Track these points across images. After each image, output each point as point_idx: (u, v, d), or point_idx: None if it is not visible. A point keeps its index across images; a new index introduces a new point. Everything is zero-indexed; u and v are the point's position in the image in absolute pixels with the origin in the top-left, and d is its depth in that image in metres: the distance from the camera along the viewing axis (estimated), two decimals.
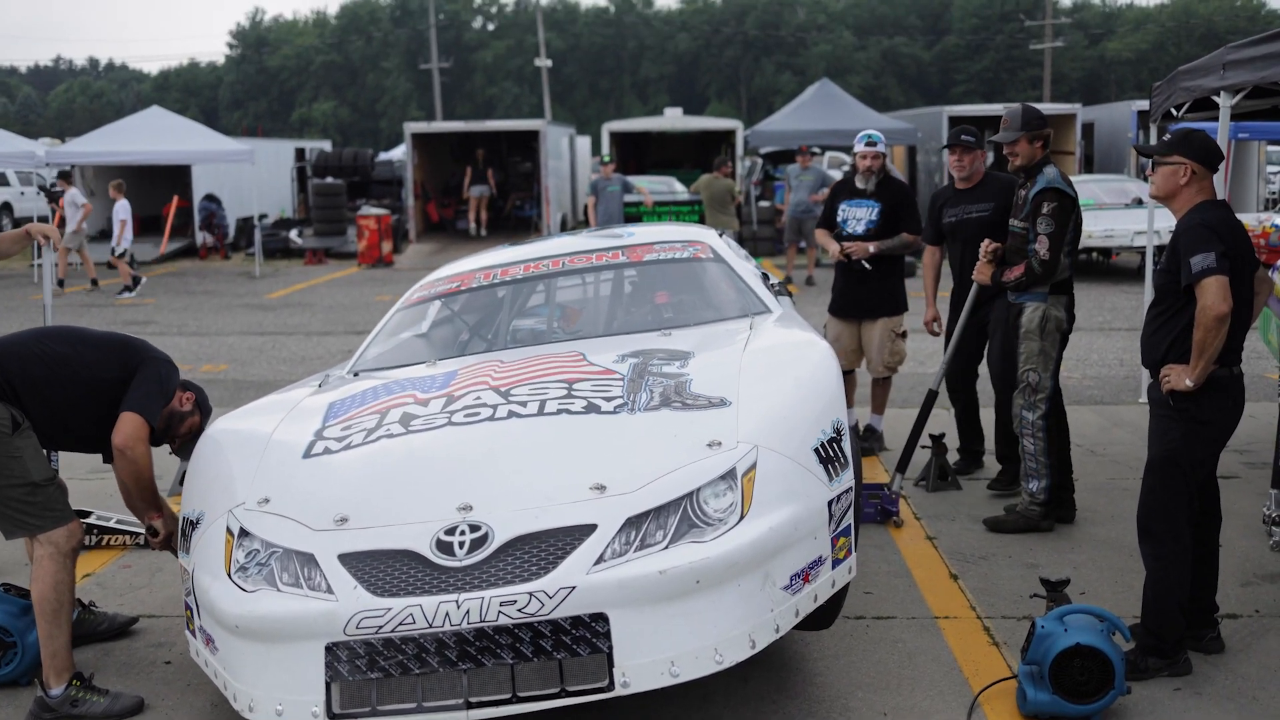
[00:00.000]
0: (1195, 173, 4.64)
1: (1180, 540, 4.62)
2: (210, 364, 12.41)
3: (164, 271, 22.38)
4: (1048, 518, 6.37)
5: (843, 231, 7.90)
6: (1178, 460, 4.60)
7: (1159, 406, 4.69)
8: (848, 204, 7.92)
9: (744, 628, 3.80)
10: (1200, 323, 4.43)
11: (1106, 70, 77.49)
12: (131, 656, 5.07)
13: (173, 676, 4.84)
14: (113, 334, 5.09)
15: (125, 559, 6.27)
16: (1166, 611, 4.61)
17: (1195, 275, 4.44)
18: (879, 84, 79.88)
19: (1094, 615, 4.39)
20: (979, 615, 5.27)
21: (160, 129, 22.17)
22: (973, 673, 4.68)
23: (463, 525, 3.88)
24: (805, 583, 4.03)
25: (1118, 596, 5.43)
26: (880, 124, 23.35)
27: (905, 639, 5.02)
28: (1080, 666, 4.24)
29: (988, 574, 5.77)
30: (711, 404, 4.34)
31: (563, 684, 3.66)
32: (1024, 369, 6.30)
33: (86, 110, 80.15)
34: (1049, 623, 4.34)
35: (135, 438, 4.72)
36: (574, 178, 29.40)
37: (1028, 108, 6.39)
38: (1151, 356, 4.73)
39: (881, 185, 7.88)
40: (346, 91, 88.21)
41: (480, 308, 6.30)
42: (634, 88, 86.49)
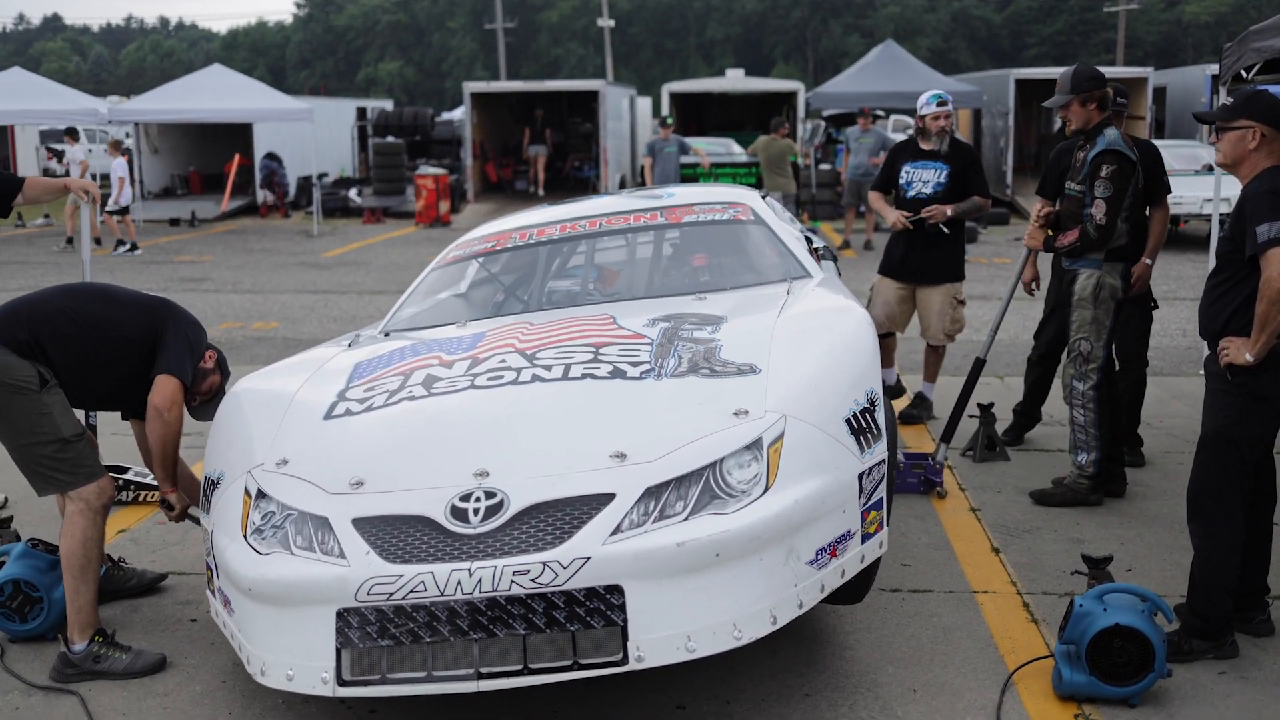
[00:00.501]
0: (1265, 135, 4.40)
1: (1232, 520, 4.43)
2: (261, 321, 12.45)
3: (224, 229, 22.54)
4: (1096, 491, 6.17)
5: (906, 194, 7.66)
6: (1233, 437, 4.40)
7: (1216, 380, 4.48)
8: (912, 165, 7.67)
9: (765, 603, 3.68)
10: (1264, 295, 4.21)
11: (1183, 34, 75.65)
12: (158, 614, 5.06)
13: (197, 635, 4.82)
14: (141, 293, 5.05)
15: (160, 515, 6.27)
16: (1213, 593, 4.43)
17: (1261, 245, 4.21)
18: (948, 46, 78.61)
19: (1135, 595, 4.22)
20: (1019, 591, 5.11)
21: (221, 87, 22.27)
22: (1009, 650, 4.54)
23: (478, 492, 3.79)
24: (832, 557, 3.89)
25: (1165, 575, 5.25)
26: (945, 86, 22.89)
27: (941, 613, 4.88)
28: (1119, 648, 4.08)
29: (1031, 548, 5.61)
30: (740, 371, 4.21)
31: (575, 656, 3.56)
32: (1076, 337, 6.10)
33: (157, 69, 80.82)
34: (1088, 601, 4.18)
35: (174, 400, 4.70)
36: (634, 139, 29.21)
37: (1080, 69, 6.13)
38: (1210, 327, 4.51)
39: (952, 146, 7.65)
40: (412, 51, 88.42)
41: (516, 268, 6.20)
42: (700, 49, 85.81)
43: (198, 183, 27.04)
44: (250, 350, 10.71)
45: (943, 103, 7.59)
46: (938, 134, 7.60)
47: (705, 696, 4.19)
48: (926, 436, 7.53)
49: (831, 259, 6.60)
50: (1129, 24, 59.75)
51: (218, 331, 11.83)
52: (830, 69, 68.14)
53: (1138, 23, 71.13)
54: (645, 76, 71.51)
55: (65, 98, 21.09)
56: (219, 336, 11.54)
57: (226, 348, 10.93)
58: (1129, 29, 60.28)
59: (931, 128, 7.61)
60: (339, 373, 4.83)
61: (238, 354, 10.55)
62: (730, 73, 31.42)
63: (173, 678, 4.46)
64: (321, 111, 26.24)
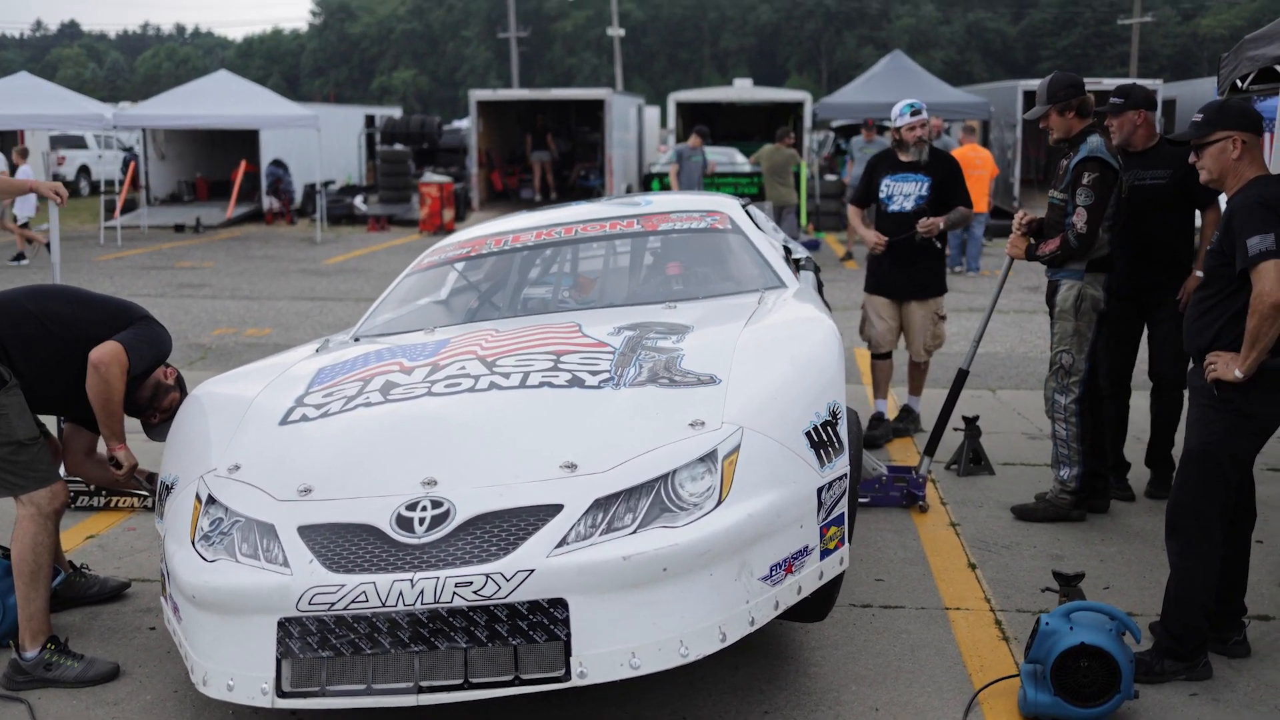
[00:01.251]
0: (1245, 143, 4.30)
1: (1210, 539, 4.32)
2: (255, 328, 12.41)
3: (228, 236, 22.54)
4: (1079, 507, 6.07)
5: (887, 208, 7.45)
6: (1216, 454, 4.29)
7: (1201, 395, 4.36)
8: (892, 179, 7.43)
9: (714, 619, 3.59)
10: (1256, 310, 4.08)
11: (1199, 47, 75.33)
12: (117, 621, 4.99)
13: (154, 643, 4.75)
14: (111, 297, 5.00)
15: (130, 521, 6.21)
16: (1188, 613, 4.32)
17: (1253, 258, 4.08)
18: (963, 59, 78.52)
19: (1104, 613, 4.12)
20: (992, 608, 5.01)
21: (227, 93, 22.29)
22: (977, 669, 4.44)
23: (425, 501, 3.72)
24: (788, 574, 3.80)
25: (1144, 592, 5.15)
26: (952, 97, 22.81)
27: (911, 630, 4.78)
28: (1085, 667, 3.99)
29: (1008, 564, 5.50)
30: (700, 381, 4.13)
31: (517, 671, 3.48)
32: (1057, 350, 6.00)
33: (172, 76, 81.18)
34: (1054, 619, 4.08)
35: (113, 359, 4.56)
36: (641, 148, 29.15)
37: (1055, 77, 6.04)
38: (1196, 342, 4.40)
39: (932, 157, 7.45)
40: (427, 60, 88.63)
41: (491, 274, 6.15)
42: (714, 59, 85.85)
43: (204, 189, 27.04)
44: (241, 356, 10.65)
45: (916, 111, 7.33)
46: (915, 145, 7.38)
47: (664, 713, 4.10)
48: (913, 448, 7.43)
49: (813, 269, 6.50)
50: (1144, 37, 59.57)
51: (211, 337, 11.80)
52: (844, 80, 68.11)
53: (1153, 36, 70.94)
54: (659, 86, 71.45)
55: (72, 103, 21.11)
56: (212, 343, 11.51)
57: (218, 354, 10.90)
58: (1144, 42, 60.08)
59: (908, 139, 7.36)
60: (300, 378, 4.78)
61: (228, 360, 10.49)
62: (738, 82, 31.37)
63: (124, 686, 4.39)
64: (329, 119, 26.24)
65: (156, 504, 4.48)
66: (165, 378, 4.95)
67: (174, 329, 11.99)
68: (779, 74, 79.76)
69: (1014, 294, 14.09)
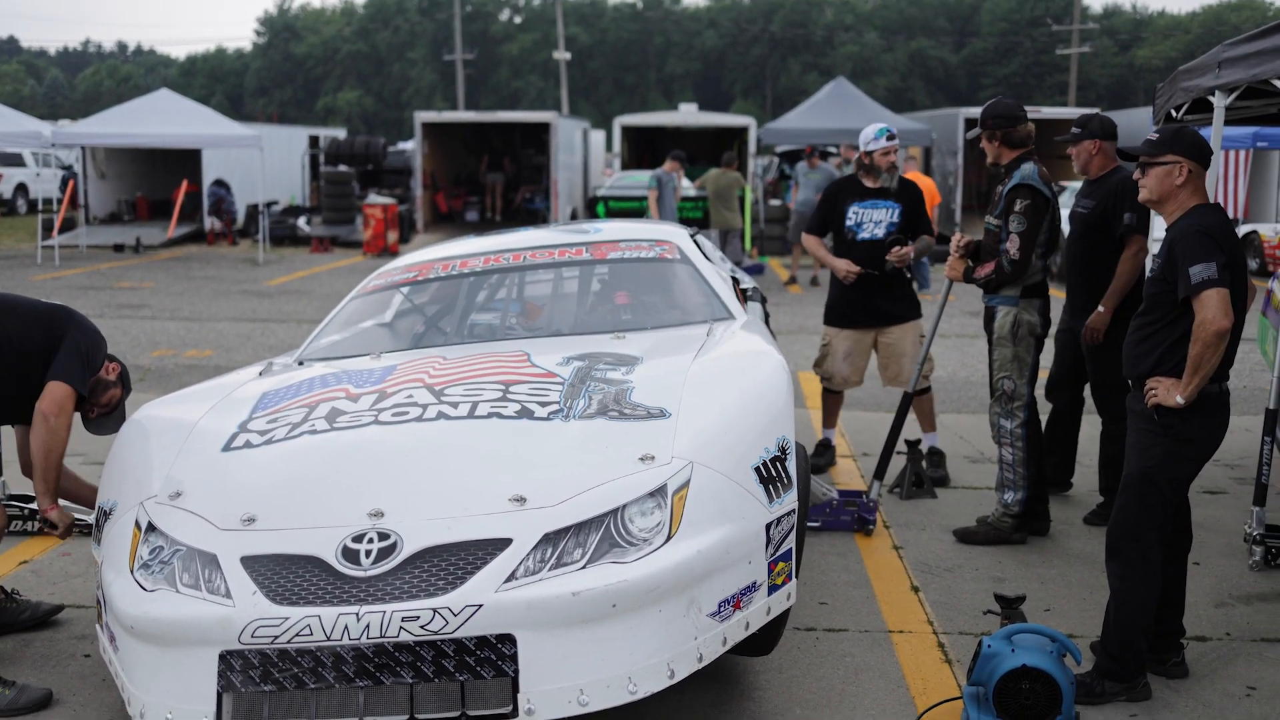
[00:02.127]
0: (1191, 172, 4.35)
1: (1149, 561, 4.38)
2: (195, 349, 12.26)
3: (169, 256, 22.28)
4: (1020, 530, 6.12)
5: (856, 236, 7.12)
6: (1155, 479, 4.34)
7: (1141, 420, 4.42)
8: (860, 205, 7.12)
9: (663, 656, 3.58)
10: (1199, 337, 4.15)
11: (1136, 78, 76.71)
12: (51, 648, 4.89)
13: (88, 671, 4.65)
14: (40, 302, 4.95)
15: (65, 546, 6.09)
16: (1128, 634, 4.36)
17: (1195, 286, 4.15)
18: (905, 86, 79.34)
19: (1045, 635, 4.17)
20: (935, 630, 5.04)
21: (169, 112, 22.04)
22: (920, 691, 4.45)
23: (371, 533, 3.68)
24: (736, 609, 3.80)
25: (1085, 614, 5.19)
26: (895, 124, 23.00)
27: (855, 653, 4.80)
28: (1027, 689, 4.02)
29: (951, 587, 5.54)
30: (650, 415, 4.12)
31: (464, 707, 3.45)
32: (998, 376, 6.07)
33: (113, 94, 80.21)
34: (996, 642, 4.12)
35: (62, 407, 4.62)
36: (586, 171, 29.18)
37: (992, 104, 6.13)
38: (1136, 369, 4.45)
39: (900, 184, 7.21)
40: (372, 81, 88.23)
41: (438, 299, 6.11)
42: (659, 84, 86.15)
43: (145, 208, 26.70)
44: (181, 378, 10.50)
45: (890, 136, 7.10)
46: (888, 170, 7.10)
47: None
48: (856, 472, 7.45)
49: (759, 300, 6.50)
50: (1082, 67, 60.54)
51: (149, 359, 11.64)
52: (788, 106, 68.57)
53: (1091, 66, 72.10)
54: (605, 110, 71.63)
55: (10, 120, 20.78)
56: (151, 364, 11.36)
57: (157, 375, 10.75)
58: (1082, 72, 61.06)
59: (881, 164, 7.08)
60: (244, 402, 4.71)
61: (168, 382, 10.35)
62: (684, 107, 31.54)
63: (58, 715, 4.31)
64: (272, 139, 26.04)
65: (94, 529, 4.40)
66: (107, 373, 4.93)
67: (113, 350, 11.79)
68: (725, 99, 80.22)
69: (955, 318, 14.23)
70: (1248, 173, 20.63)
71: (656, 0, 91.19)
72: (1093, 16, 77.33)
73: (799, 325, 13.97)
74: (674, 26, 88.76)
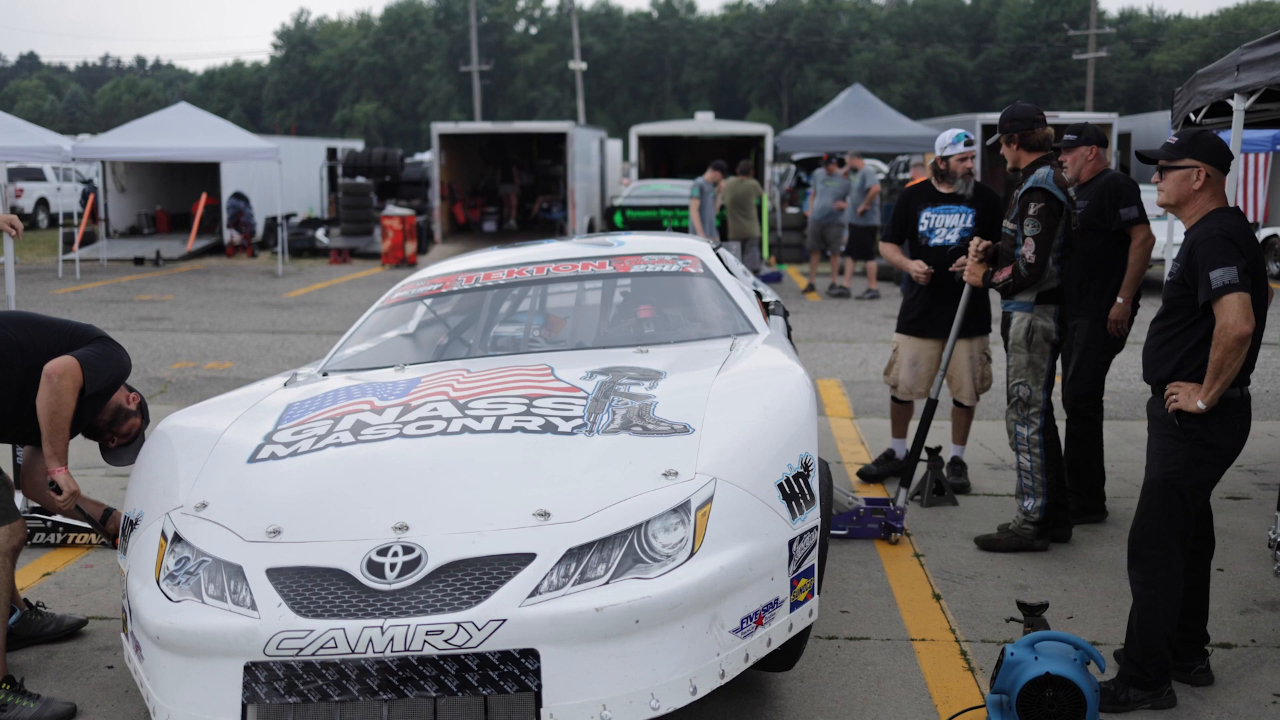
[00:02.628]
0: (1209, 176, 4.34)
1: (1172, 568, 4.35)
2: (215, 361, 12.31)
3: (189, 269, 22.39)
4: (1042, 537, 6.09)
5: (929, 242, 7.01)
6: (1177, 484, 4.32)
7: (1162, 426, 4.40)
8: (932, 211, 7.02)
9: (685, 672, 3.58)
10: (1220, 342, 4.13)
11: (1153, 82, 76.52)
12: (74, 660, 4.90)
13: (111, 682, 4.67)
14: (67, 320, 4.96)
15: (88, 558, 6.12)
16: (1152, 641, 4.34)
17: (1216, 291, 4.13)
18: (921, 92, 79.35)
19: (1068, 643, 4.14)
20: (958, 638, 5.01)
21: (187, 125, 22.15)
22: (942, 700, 4.43)
23: (396, 546, 3.69)
24: (758, 626, 3.80)
25: (1108, 622, 5.16)
26: (912, 131, 23.03)
27: (876, 661, 4.78)
28: (1051, 697, 4.00)
29: (973, 594, 5.51)
30: (674, 430, 4.11)
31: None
32: (1013, 383, 6.05)
33: (133, 108, 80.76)
34: (1019, 650, 4.10)
35: (66, 371, 4.53)
36: (604, 181, 29.21)
37: (1010, 109, 6.12)
38: (1156, 373, 4.43)
39: (975, 189, 7.05)
40: (389, 93, 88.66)
41: (461, 311, 6.12)
42: (675, 93, 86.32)
43: (165, 222, 26.86)
44: (201, 390, 10.56)
45: (969, 142, 6.93)
46: (963, 176, 6.98)
47: None
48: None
49: (782, 314, 6.47)
50: (1099, 72, 60.41)
51: (170, 371, 11.69)
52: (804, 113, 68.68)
53: (1108, 71, 71.94)
54: (621, 120, 71.75)
55: (29, 134, 20.88)
56: (172, 376, 11.41)
57: (178, 387, 10.80)
58: (1099, 77, 60.94)
59: (957, 169, 6.95)
60: (269, 413, 4.72)
61: (189, 394, 10.40)
62: (700, 115, 31.54)
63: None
64: (290, 151, 26.17)
65: (120, 539, 4.41)
66: (127, 402, 4.94)
67: (134, 363, 11.86)
68: (740, 107, 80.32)
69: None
70: (1268, 176, 20.50)
71: (672, 9, 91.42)
72: (1109, 21, 77.18)
73: (816, 333, 13.95)
74: (689, 35, 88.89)
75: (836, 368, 11.73)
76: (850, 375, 11.35)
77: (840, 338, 13.76)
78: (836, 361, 12.10)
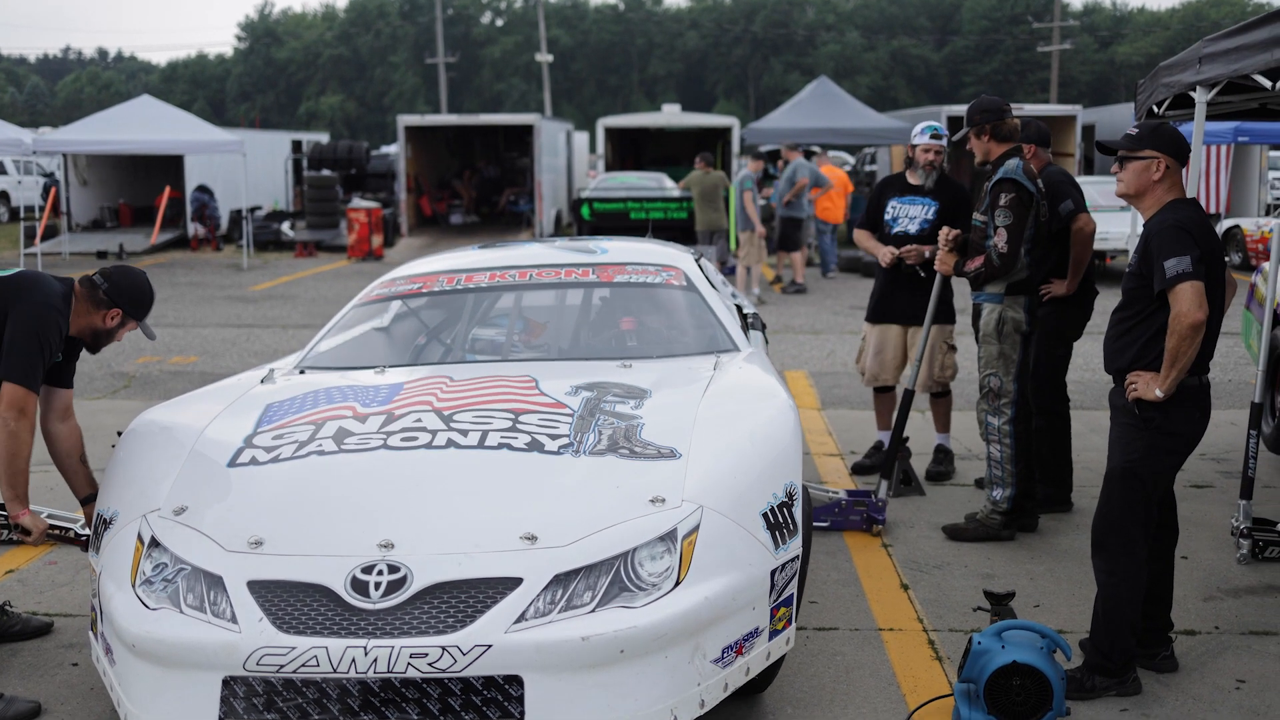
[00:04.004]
0: (1169, 168, 4.40)
1: (1134, 556, 4.40)
2: (180, 355, 12.22)
3: (152, 262, 22.19)
4: (1009, 526, 6.14)
5: (891, 230, 7.10)
6: (1138, 472, 4.37)
7: (1122, 415, 4.45)
8: (899, 200, 7.10)
9: (667, 703, 3.58)
10: (1174, 330, 4.21)
11: (1116, 74, 77.01)
12: (39, 658, 4.86)
13: (77, 680, 4.63)
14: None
15: (52, 555, 6.06)
16: (1116, 629, 4.38)
17: (1170, 280, 4.21)
18: (887, 85, 79.53)
19: (1035, 632, 4.17)
20: (925, 628, 5.04)
21: (150, 118, 21.92)
22: (911, 689, 4.46)
23: (381, 565, 3.66)
24: (738, 655, 3.81)
25: (1074, 610, 5.21)
26: (878, 123, 23.09)
27: (845, 652, 4.80)
28: (1018, 686, 4.03)
29: (940, 584, 5.55)
30: (660, 454, 4.11)
31: None
32: (984, 374, 6.09)
33: (94, 101, 79.85)
34: (986, 639, 4.13)
35: (20, 409, 4.46)
36: (570, 173, 29.18)
37: (977, 102, 6.17)
38: (1115, 363, 4.49)
39: (940, 182, 7.09)
40: (354, 85, 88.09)
41: (440, 312, 6.08)
42: (642, 85, 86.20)
43: (128, 215, 26.60)
44: (166, 385, 10.49)
45: (936, 135, 7.00)
46: (924, 167, 7.01)
47: None
48: (844, 470, 7.46)
49: (760, 328, 6.46)
50: (1063, 64, 60.74)
51: (135, 365, 11.60)
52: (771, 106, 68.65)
53: (1072, 63, 72.35)
54: (588, 112, 71.61)
55: None
56: (136, 371, 11.32)
57: (142, 382, 10.71)
58: (1063, 69, 61.27)
59: (920, 160, 7.00)
60: (248, 413, 4.68)
61: (153, 389, 10.33)
62: (667, 108, 31.50)
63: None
64: (255, 144, 25.97)
65: (91, 537, 4.36)
66: (106, 322, 4.77)
67: (97, 358, 11.76)
68: (707, 99, 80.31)
69: None
70: (1229, 168, 20.71)
71: (638, 1, 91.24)
72: (1073, 13, 77.64)
73: (784, 324, 14.00)
74: (656, 28, 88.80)
75: (804, 359, 11.77)
76: (817, 366, 11.38)
77: (808, 329, 13.80)
78: (804, 353, 12.13)
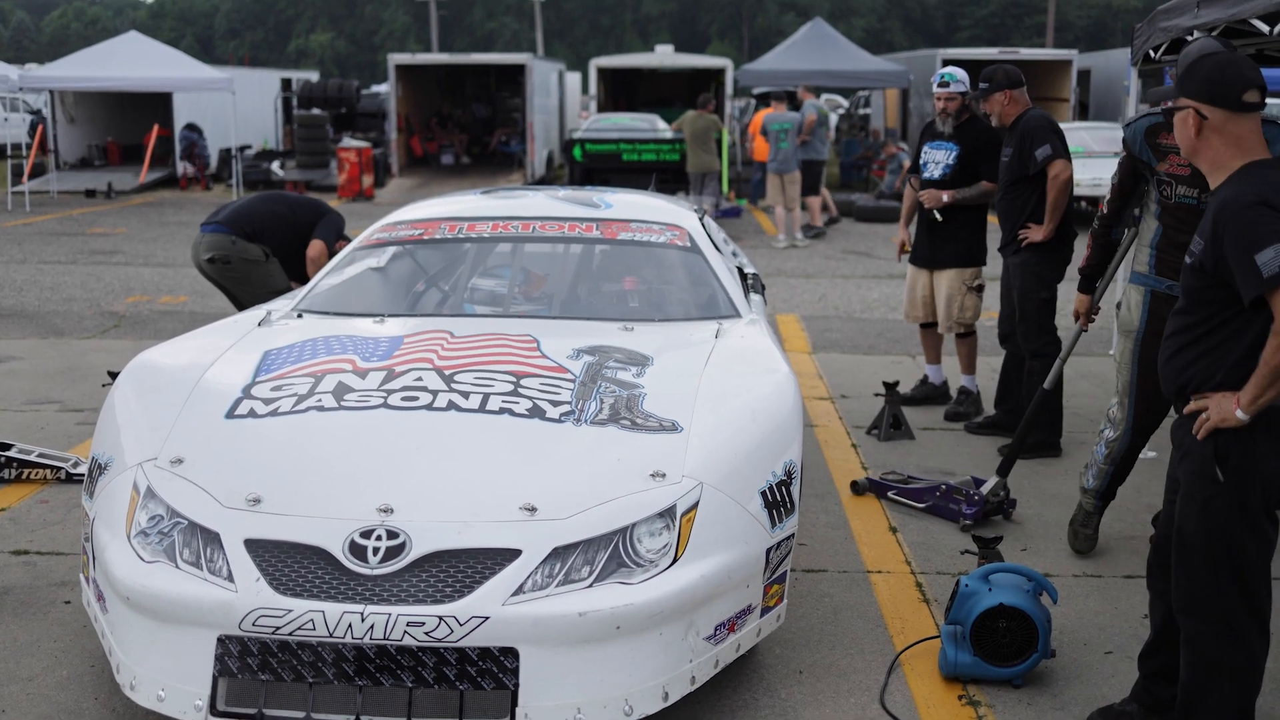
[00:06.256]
0: (1208, 119, 3.28)
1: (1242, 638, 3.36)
2: (170, 295, 12.17)
3: (141, 201, 22.06)
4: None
5: (922, 175, 7.36)
6: (1230, 547, 3.27)
7: (1194, 460, 3.33)
8: (929, 146, 7.33)
9: (659, 679, 3.60)
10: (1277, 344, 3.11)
11: (1113, 18, 76.44)
12: (31, 595, 4.87)
13: (69, 618, 4.64)
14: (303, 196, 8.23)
15: (44, 494, 6.07)
16: None
17: (1269, 281, 3.07)
18: (883, 27, 78.93)
19: (1021, 574, 4.21)
20: (913, 570, 5.09)
21: (138, 55, 21.67)
22: (898, 631, 4.51)
23: (380, 530, 3.65)
24: (730, 632, 3.82)
25: (1059, 554, 5.26)
26: (872, 66, 22.95)
27: (833, 593, 4.85)
28: (1004, 628, 4.07)
29: (928, 527, 5.59)
30: (662, 427, 4.09)
31: (461, 716, 3.45)
32: None
33: (81, 37, 78.88)
34: (973, 581, 4.16)
35: (321, 253, 7.54)
36: (563, 114, 28.97)
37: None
38: (1176, 382, 3.40)
39: (962, 128, 7.21)
40: (344, 23, 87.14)
41: (441, 260, 6.04)
42: (635, 25, 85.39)
43: (116, 153, 26.37)
44: (156, 324, 10.46)
45: (944, 83, 7.13)
46: (939, 115, 7.22)
47: None
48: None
49: (760, 290, 6.42)
50: (1060, 8, 60.33)
51: (124, 305, 11.56)
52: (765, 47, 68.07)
53: (1068, 6, 71.88)
54: (580, 52, 70.94)
55: None
56: (126, 310, 11.28)
57: (132, 322, 10.68)
58: (1059, 13, 60.85)
59: (936, 108, 7.26)
60: (246, 360, 4.65)
61: (143, 328, 10.30)
62: (659, 49, 31.19)
63: (39, 661, 4.30)
64: (244, 82, 25.70)
65: (85, 479, 4.35)
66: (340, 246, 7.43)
67: (86, 296, 11.76)
68: (700, 40, 79.62)
69: None
70: None
71: None
72: None
73: (777, 269, 13.98)
74: None
75: (795, 303, 11.77)
76: (809, 310, 11.39)
77: (799, 273, 13.78)
78: (795, 297, 12.13)
